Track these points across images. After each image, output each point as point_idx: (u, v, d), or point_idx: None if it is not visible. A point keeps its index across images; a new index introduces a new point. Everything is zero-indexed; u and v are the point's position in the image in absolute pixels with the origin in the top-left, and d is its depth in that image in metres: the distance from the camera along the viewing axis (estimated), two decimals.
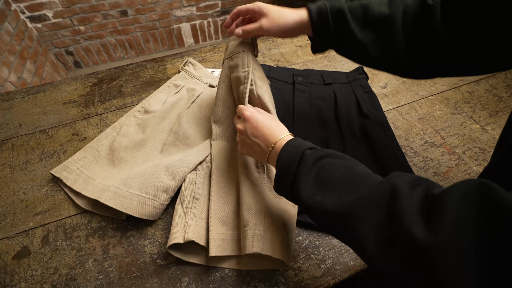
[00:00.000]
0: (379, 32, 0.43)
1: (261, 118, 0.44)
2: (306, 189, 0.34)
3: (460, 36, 0.37)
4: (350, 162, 0.35)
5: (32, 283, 0.45)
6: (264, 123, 0.44)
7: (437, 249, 0.21)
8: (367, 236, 0.27)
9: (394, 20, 0.41)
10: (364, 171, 0.33)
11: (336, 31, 0.45)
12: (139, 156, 0.58)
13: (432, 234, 0.22)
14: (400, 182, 0.27)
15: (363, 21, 0.43)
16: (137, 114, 0.66)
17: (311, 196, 0.33)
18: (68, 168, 0.56)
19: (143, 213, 0.48)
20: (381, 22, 0.42)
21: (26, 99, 0.73)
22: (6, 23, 1.44)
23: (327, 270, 0.46)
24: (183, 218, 0.47)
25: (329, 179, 0.33)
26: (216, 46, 0.89)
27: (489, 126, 0.66)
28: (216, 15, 2.08)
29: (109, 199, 0.48)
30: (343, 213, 0.29)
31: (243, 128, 0.45)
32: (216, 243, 0.45)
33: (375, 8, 0.43)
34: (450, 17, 0.37)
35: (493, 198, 0.21)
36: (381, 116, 0.64)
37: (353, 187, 0.30)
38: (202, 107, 0.65)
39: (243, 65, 0.51)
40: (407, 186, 0.26)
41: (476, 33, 0.36)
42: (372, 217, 0.27)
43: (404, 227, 0.23)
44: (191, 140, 0.59)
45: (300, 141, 0.39)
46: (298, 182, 0.35)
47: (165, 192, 0.50)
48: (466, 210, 0.21)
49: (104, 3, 1.75)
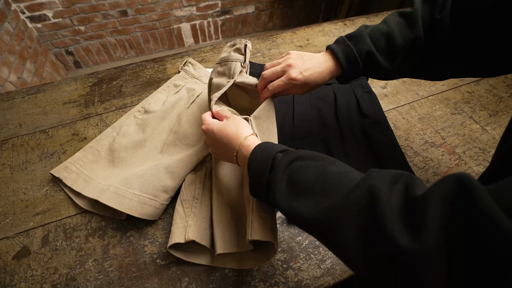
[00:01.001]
0: (404, 56, 0.43)
1: (217, 128, 0.43)
2: (281, 196, 0.32)
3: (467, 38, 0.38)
4: (323, 161, 0.33)
5: (32, 283, 0.45)
6: (220, 132, 0.42)
7: (422, 257, 0.21)
8: (349, 243, 0.25)
9: (418, 41, 0.41)
10: (339, 170, 0.31)
11: (364, 69, 0.45)
12: (139, 156, 0.58)
13: (416, 243, 0.21)
14: (379, 183, 0.26)
15: (388, 52, 0.43)
16: (137, 114, 0.66)
17: (287, 203, 0.31)
18: (68, 168, 0.56)
19: (143, 213, 0.48)
20: (407, 47, 0.42)
21: (26, 99, 0.73)
22: (6, 23, 1.44)
23: (327, 270, 0.46)
24: (183, 218, 0.47)
25: (303, 184, 0.31)
26: (216, 46, 0.89)
27: (489, 126, 0.66)
28: (216, 15, 2.08)
29: (109, 199, 0.48)
30: (321, 220, 0.28)
31: (206, 141, 0.47)
32: (221, 241, 0.45)
33: (397, 35, 0.42)
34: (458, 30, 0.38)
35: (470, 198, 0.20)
36: (381, 116, 0.64)
37: (328, 190, 0.29)
38: (202, 107, 0.65)
39: (229, 74, 0.52)
40: (386, 187, 0.25)
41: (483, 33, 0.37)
42: (353, 224, 0.25)
43: (387, 235, 0.23)
44: (191, 140, 0.59)
45: (269, 145, 0.37)
46: (272, 190, 0.33)
47: (165, 192, 0.50)
48: (447, 215, 0.21)
49: (104, 3, 1.75)
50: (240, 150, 0.39)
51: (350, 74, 0.45)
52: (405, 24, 0.42)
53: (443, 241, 0.20)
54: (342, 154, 0.58)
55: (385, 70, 0.44)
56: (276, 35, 0.93)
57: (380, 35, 0.43)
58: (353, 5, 1.68)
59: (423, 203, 0.22)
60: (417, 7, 0.41)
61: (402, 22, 0.42)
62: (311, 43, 0.90)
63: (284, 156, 0.34)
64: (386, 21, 0.44)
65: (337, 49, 0.45)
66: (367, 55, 0.44)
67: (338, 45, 0.45)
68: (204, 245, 0.45)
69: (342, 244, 0.26)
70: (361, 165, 0.57)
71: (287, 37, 0.92)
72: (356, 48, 0.44)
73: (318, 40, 0.91)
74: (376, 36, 0.43)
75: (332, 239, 0.27)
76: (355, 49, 0.44)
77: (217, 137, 0.42)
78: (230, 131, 0.41)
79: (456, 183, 0.21)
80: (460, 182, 0.21)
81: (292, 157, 0.34)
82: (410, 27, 0.42)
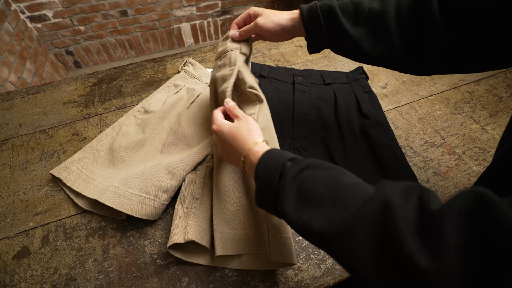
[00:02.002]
0: (370, 27, 0.42)
1: (227, 129, 0.42)
2: (291, 207, 0.31)
3: (461, 30, 0.36)
4: (334, 171, 0.32)
5: (32, 283, 0.45)
6: (230, 135, 0.41)
7: (442, 277, 0.20)
8: (362, 257, 0.25)
9: (386, 15, 0.41)
10: (351, 181, 0.30)
11: (328, 28, 0.45)
12: (139, 156, 0.58)
13: (436, 263, 0.20)
14: (393, 196, 0.25)
15: (354, 17, 0.43)
16: (137, 114, 0.66)
17: (297, 214, 0.30)
18: (68, 168, 0.56)
19: (143, 213, 0.48)
20: (372, 17, 0.42)
21: (26, 99, 0.73)
22: (6, 23, 1.44)
23: (327, 270, 0.46)
24: (183, 218, 0.47)
25: (314, 194, 0.30)
26: (216, 46, 0.89)
27: (489, 126, 0.66)
28: (216, 15, 2.08)
29: (109, 199, 0.48)
30: (334, 234, 0.27)
31: (215, 141, 0.45)
32: (221, 243, 0.45)
33: (365, 4, 0.43)
34: (449, 11, 0.37)
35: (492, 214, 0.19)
36: (381, 116, 0.64)
37: (340, 201, 0.28)
38: (202, 107, 0.65)
39: (230, 64, 0.51)
40: (401, 200, 0.24)
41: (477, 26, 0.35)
42: (366, 238, 0.25)
43: (404, 253, 0.22)
44: (191, 140, 0.59)
45: (278, 152, 0.36)
46: (281, 199, 0.32)
47: (165, 192, 0.50)
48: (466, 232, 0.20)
49: (104, 3, 1.75)
50: (247, 155, 0.38)
51: (312, 29, 0.46)
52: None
53: (462, 260, 0.19)
54: (342, 154, 0.58)
55: (349, 37, 0.43)
56: None
57: (349, 0, 0.44)
58: None
59: (440, 219, 0.22)
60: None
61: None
62: None
63: (294, 165, 0.33)
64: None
65: (303, 6, 0.46)
66: (329, 11, 0.44)
67: (307, 4, 0.47)
68: (204, 245, 0.45)
69: (356, 259, 0.25)
70: (361, 165, 0.57)
71: None
72: (320, 3, 0.45)
73: None
74: (344, 1, 0.44)
75: (345, 253, 0.26)
76: (318, 3, 0.45)
77: (227, 139, 0.41)
78: (240, 135, 0.40)
79: (475, 198, 0.21)
80: (479, 196, 0.21)
81: (302, 166, 0.33)
82: (380, 1, 0.42)
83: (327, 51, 0.87)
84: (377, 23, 0.42)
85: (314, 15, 0.45)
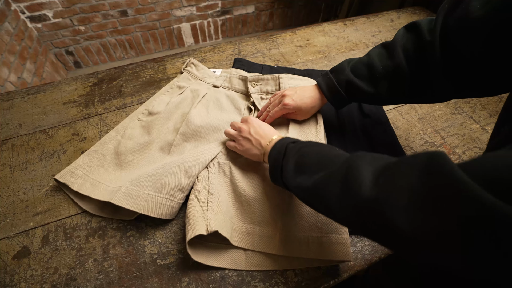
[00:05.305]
0: (388, 82, 0.47)
1: (259, 121, 0.53)
2: (289, 175, 0.40)
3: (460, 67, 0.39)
4: (326, 147, 0.40)
5: (32, 283, 0.45)
6: (261, 125, 0.52)
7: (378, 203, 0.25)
8: (333, 203, 0.31)
9: (400, 68, 0.45)
10: (334, 154, 0.37)
11: (349, 95, 0.52)
12: (146, 158, 0.58)
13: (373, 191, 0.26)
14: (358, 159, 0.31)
15: (370, 79, 0.49)
16: (141, 117, 0.65)
17: (293, 180, 0.39)
18: (73, 173, 0.55)
19: (160, 213, 0.48)
20: (387, 74, 0.47)
21: (26, 99, 0.73)
22: (6, 23, 1.44)
23: (327, 270, 0.46)
24: (201, 212, 0.47)
25: (305, 165, 0.38)
26: (216, 46, 0.89)
27: (489, 126, 0.66)
28: (216, 15, 2.08)
29: (122, 200, 0.47)
30: (315, 188, 0.35)
31: (246, 127, 0.52)
32: (238, 235, 0.47)
33: (377, 63, 0.48)
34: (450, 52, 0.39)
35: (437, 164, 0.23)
36: (383, 116, 0.64)
37: (323, 167, 0.36)
38: (209, 107, 0.65)
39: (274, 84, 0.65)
40: (361, 161, 0.30)
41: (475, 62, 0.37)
42: (334, 187, 0.31)
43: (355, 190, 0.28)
44: (200, 138, 0.59)
45: (286, 138, 0.46)
46: (284, 172, 0.41)
47: (180, 191, 0.50)
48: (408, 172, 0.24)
49: (104, 3, 1.75)
50: (267, 146, 0.48)
51: (336, 101, 0.54)
52: (385, 54, 0.47)
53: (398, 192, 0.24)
54: None
55: (370, 94, 0.49)
56: (276, 35, 0.93)
57: (362, 65, 0.50)
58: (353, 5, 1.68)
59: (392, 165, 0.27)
60: (397, 38, 0.46)
61: (383, 52, 0.48)
62: (311, 43, 0.90)
63: (295, 145, 0.43)
64: (369, 53, 0.50)
65: (321, 82, 0.55)
66: (347, 84, 0.51)
67: (322, 78, 0.55)
68: (226, 236, 0.45)
69: (329, 206, 0.33)
70: None
71: (287, 37, 0.92)
72: (336, 79, 0.52)
73: (318, 40, 0.91)
74: (357, 66, 0.50)
75: (322, 202, 0.34)
76: (335, 80, 0.52)
77: (259, 128, 0.51)
78: (267, 128, 0.51)
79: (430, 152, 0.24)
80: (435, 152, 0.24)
81: (301, 145, 0.42)
82: (389, 56, 0.47)
83: (327, 51, 0.87)
84: (393, 77, 0.46)
85: (335, 92, 0.53)
